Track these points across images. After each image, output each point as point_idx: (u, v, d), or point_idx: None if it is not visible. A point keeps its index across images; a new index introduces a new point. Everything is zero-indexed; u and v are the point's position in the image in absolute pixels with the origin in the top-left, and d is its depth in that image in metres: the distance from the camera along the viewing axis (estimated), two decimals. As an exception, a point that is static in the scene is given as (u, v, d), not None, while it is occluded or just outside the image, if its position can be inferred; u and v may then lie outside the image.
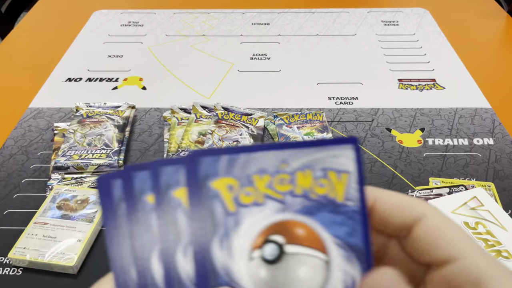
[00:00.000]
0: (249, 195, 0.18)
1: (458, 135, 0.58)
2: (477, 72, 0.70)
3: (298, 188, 0.18)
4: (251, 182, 0.18)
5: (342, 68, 0.72)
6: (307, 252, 0.17)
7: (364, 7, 0.90)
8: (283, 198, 0.18)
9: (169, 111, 0.61)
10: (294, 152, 0.18)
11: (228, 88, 0.68)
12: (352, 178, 0.18)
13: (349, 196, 0.18)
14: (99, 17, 0.88)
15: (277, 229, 0.18)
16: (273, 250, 0.17)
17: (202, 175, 0.18)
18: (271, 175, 0.18)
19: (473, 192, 0.47)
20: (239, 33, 0.82)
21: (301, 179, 0.18)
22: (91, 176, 0.52)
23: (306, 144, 0.18)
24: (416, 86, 0.68)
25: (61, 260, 0.42)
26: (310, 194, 0.18)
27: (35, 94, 0.67)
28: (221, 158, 0.18)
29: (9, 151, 0.57)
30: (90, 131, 0.57)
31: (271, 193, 0.18)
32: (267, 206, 0.18)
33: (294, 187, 0.18)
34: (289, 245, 0.17)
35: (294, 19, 0.87)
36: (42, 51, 0.79)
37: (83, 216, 0.46)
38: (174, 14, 0.89)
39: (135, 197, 0.18)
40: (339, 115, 0.62)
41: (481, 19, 0.86)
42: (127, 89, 0.68)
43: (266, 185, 0.18)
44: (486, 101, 0.64)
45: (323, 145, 0.18)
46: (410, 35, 0.81)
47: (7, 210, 0.49)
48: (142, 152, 0.56)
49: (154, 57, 0.76)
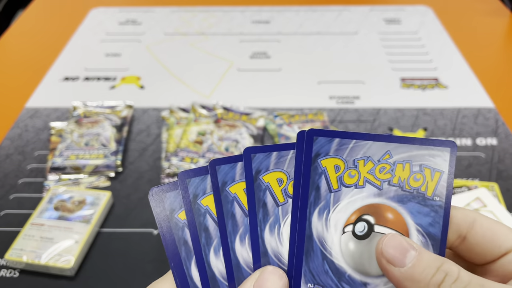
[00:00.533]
0: (352, 177, 0.20)
1: (461, 135, 0.57)
2: (480, 71, 0.70)
3: (396, 178, 0.20)
4: (356, 166, 0.20)
5: (344, 67, 0.71)
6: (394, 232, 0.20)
7: (366, 5, 0.90)
8: (380, 184, 0.20)
9: (168, 111, 0.61)
10: (398, 146, 0.20)
11: (228, 87, 0.67)
12: (443, 177, 0.21)
13: (438, 193, 0.21)
14: (96, 15, 0.87)
15: (370, 210, 0.20)
16: (364, 227, 0.20)
17: (314, 153, 0.20)
18: (375, 163, 0.20)
19: (476, 193, 0.46)
20: (238, 31, 0.81)
21: (400, 170, 0.21)
22: (89, 177, 0.52)
23: (410, 140, 0.20)
24: (418, 85, 0.67)
25: (58, 262, 0.41)
26: (405, 185, 0.20)
27: (31, 93, 0.66)
28: (334, 140, 0.20)
29: (5, 151, 0.56)
30: (87, 131, 0.56)
31: (371, 179, 0.20)
32: (366, 189, 0.20)
33: (392, 177, 0.20)
34: (377, 225, 0.20)
35: (294, 17, 0.86)
36: (38, 50, 0.78)
37: (80, 217, 0.45)
38: (173, 12, 0.88)
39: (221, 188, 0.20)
40: (340, 115, 0.61)
41: (484, 18, 0.85)
42: (125, 88, 0.67)
43: (369, 171, 0.20)
44: (489, 100, 0.63)
45: (425, 144, 0.21)
46: (413, 34, 0.80)
47: (4, 211, 0.48)
48: (140, 152, 0.56)
49: (152, 55, 0.75)
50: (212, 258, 0.20)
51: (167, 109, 0.62)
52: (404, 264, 0.19)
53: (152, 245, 0.45)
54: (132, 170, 0.53)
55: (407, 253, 0.19)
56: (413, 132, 0.58)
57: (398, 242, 0.19)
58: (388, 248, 0.19)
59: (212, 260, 0.20)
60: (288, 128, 0.58)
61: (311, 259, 0.20)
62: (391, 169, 0.20)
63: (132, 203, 0.49)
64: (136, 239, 0.46)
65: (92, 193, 0.48)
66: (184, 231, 0.20)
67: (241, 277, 0.20)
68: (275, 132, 0.58)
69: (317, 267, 0.20)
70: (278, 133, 0.57)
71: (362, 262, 0.20)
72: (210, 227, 0.20)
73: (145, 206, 0.49)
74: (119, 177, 0.52)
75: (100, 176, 0.52)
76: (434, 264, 0.18)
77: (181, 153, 0.53)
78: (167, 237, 0.20)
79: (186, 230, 0.20)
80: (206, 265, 0.20)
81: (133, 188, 0.51)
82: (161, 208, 0.20)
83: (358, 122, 0.60)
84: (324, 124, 0.58)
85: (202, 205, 0.20)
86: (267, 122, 0.59)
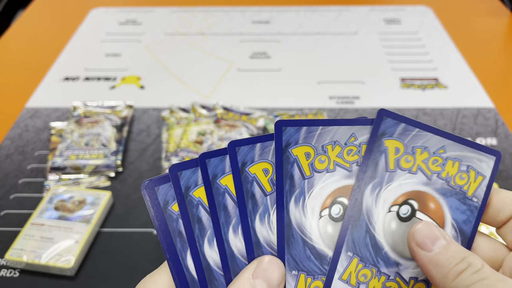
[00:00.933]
0: (408, 162, 0.22)
1: (461, 135, 0.57)
2: (480, 71, 0.70)
3: (445, 172, 0.22)
4: (414, 153, 0.22)
5: (344, 67, 0.71)
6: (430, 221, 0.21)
7: (366, 5, 0.90)
8: (430, 175, 0.22)
9: (168, 111, 0.61)
10: (453, 144, 0.22)
11: (228, 88, 0.67)
12: (484, 182, 0.22)
13: (477, 194, 0.22)
14: (96, 15, 0.87)
15: (416, 196, 0.22)
16: (407, 210, 0.21)
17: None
18: (430, 154, 0.22)
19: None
20: (238, 32, 0.81)
21: (450, 166, 0.22)
22: (89, 177, 0.52)
23: (464, 141, 0.22)
24: (418, 85, 0.67)
25: (58, 262, 0.41)
26: (451, 180, 0.22)
27: (31, 93, 0.66)
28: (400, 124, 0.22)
29: (5, 151, 0.56)
30: (87, 131, 0.56)
31: (424, 168, 0.22)
32: (417, 176, 0.22)
33: (442, 171, 0.22)
34: (419, 212, 0.21)
35: (294, 17, 0.86)
36: (38, 50, 0.78)
37: (81, 217, 0.45)
38: (173, 12, 0.88)
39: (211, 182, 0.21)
40: (340, 115, 0.61)
41: (484, 18, 0.85)
42: (125, 88, 0.67)
43: (423, 160, 0.22)
44: (489, 100, 0.63)
45: (475, 148, 0.22)
46: (413, 34, 0.80)
47: (4, 211, 0.48)
48: (140, 152, 0.56)
49: (152, 56, 0.75)
50: (207, 248, 0.20)
51: (167, 109, 0.62)
52: (431, 249, 0.20)
53: (152, 245, 0.45)
54: (132, 170, 0.53)
55: (437, 240, 0.20)
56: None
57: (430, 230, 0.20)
58: (419, 233, 0.20)
59: (207, 250, 0.20)
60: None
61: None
62: (443, 163, 0.22)
63: (132, 203, 0.49)
64: (136, 239, 0.46)
65: (92, 193, 0.48)
66: (178, 223, 0.20)
67: (236, 267, 0.20)
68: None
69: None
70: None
71: (399, 242, 0.21)
72: (203, 218, 0.20)
73: (145, 206, 0.49)
74: (119, 177, 0.52)
75: (100, 176, 0.52)
76: (460, 255, 0.19)
77: (181, 153, 0.53)
78: (162, 229, 0.20)
79: (180, 222, 0.20)
80: (201, 255, 0.20)
81: (133, 188, 0.51)
82: (154, 200, 0.20)
83: (358, 122, 0.60)
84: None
85: (194, 197, 0.21)
86: (267, 122, 0.59)
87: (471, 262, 0.19)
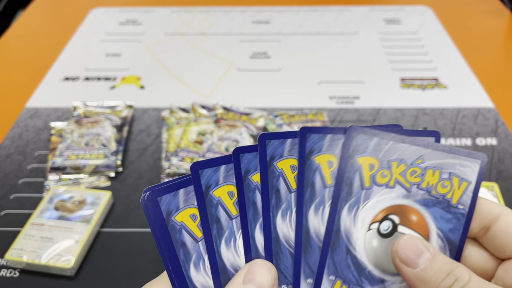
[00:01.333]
0: (384, 177, 0.21)
1: (461, 135, 0.57)
2: (480, 71, 0.70)
3: (425, 182, 0.21)
4: (390, 167, 0.21)
5: (344, 67, 0.71)
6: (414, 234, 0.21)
7: (366, 5, 0.90)
8: (410, 187, 0.21)
9: (168, 111, 0.61)
10: (432, 152, 0.21)
11: (228, 88, 0.67)
12: (470, 187, 0.21)
13: (462, 201, 0.21)
14: (96, 15, 0.87)
15: (396, 210, 0.21)
16: (388, 226, 0.21)
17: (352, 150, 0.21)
18: (407, 165, 0.21)
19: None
20: (238, 31, 0.81)
21: (430, 176, 0.21)
22: (89, 177, 0.52)
23: (444, 148, 0.21)
24: (418, 85, 0.67)
25: (58, 262, 0.41)
26: (432, 190, 0.21)
27: (31, 93, 0.66)
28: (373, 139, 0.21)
29: (5, 151, 0.56)
30: (87, 131, 0.56)
31: (402, 181, 0.21)
32: (395, 190, 0.21)
33: (422, 181, 0.21)
34: (401, 226, 0.21)
35: (294, 17, 0.86)
36: (38, 50, 0.78)
37: (81, 217, 0.45)
38: (173, 12, 0.88)
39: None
40: (340, 115, 0.61)
41: (484, 18, 0.85)
42: (125, 88, 0.67)
43: (401, 173, 0.21)
44: (489, 100, 0.63)
45: (457, 154, 0.21)
46: (413, 34, 0.80)
47: (4, 211, 0.48)
48: (140, 152, 0.56)
49: (152, 55, 0.75)
50: (223, 249, 0.20)
51: (167, 109, 0.62)
52: (417, 265, 0.19)
53: (152, 245, 0.45)
54: (132, 170, 0.53)
55: (422, 254, 0.19)
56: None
57: (413, 244, 0.19)
58: (403, 249, 0.20)
59: (223, 251, 0.20)
60: (288, 128, 0.58)
61: (336, 252, 0.21)
62: (422, 174, 0.21)
63: (132, 203, 0.49)
64: (136, 239, 0.46)
65: (92, 193, 0.48)
66: (181, 234, 0.20)
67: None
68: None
69: (341, 260, 0.21)
70: (278, 133, 0.57)
71: (382, 259, 0.21)
72: (222, 218, 0.20)
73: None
74: (119, 177, 0.52)
75: (100, 176, 0.52)
76: (446, 268, 0.19)
77: (181, 153, 0.53)
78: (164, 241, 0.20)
79: (183, 233, 0.20)
80: (217, 256, 0.20)
81: (133, 188, 0.51)
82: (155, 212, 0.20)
83: (358, 122, 0.60)
84: (324, 124, 0.59)
85: (214, 196, 0.20)
86: (267, 122, 0.59)
87: (458, 275, 0.18)
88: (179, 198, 0.20)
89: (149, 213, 0.20)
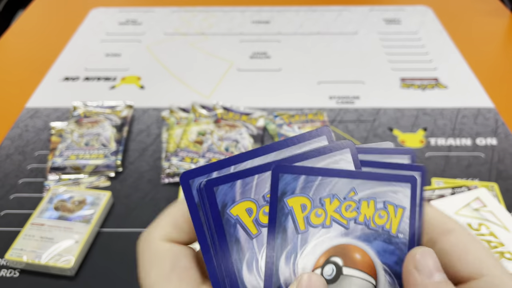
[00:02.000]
0: (319, 216, 0.19)
1: (461, 135, 0.57)
2: (480, 71, 0.70)
3: (361, 216, 0.20)
4: (323, 204, 0.19)
5: (344, 67, 0.71)
6: (361, 275, 0.19)
7: (366, 5, 0.90)
8: (347, 223, 0.19)
9: (168, 111, 0.61)
10: (363, 183, 0.20)
11: (228, 88, 0.67)
12: (406, 213, 0.20)
13: (401, 229, 0.20)
14: (96, 15, 0.87)
15: (337, 252, 0.19)
16: (332, 270, 0.19)
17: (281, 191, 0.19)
18: (341, 200, 0.19)
19: (476, 193, 0.46)
20: (238, 31, 0.81)
21: (365, 208, 0.20)
22: (89, 177, 0.52)
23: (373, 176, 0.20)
24: (418, 85, 0.67)
25: (58, 262, 0.41)
26: (370, 223, 0.20)
27: (31, 93, 0.66)
28: (300, 177, 0.19)
29: (5, 151, 0.56)
30: (87, 131, 0.56)
31: (338, 218, 0.19)
32: (332, 229, 0.19)
33: (358, 215, 0.20)
34: (346, 268, 0.19)
35: (294, 17, 0.86)
36: (39, 50, 0.78)
37: (81, 217, 0.45)
38: (173, 12, 0.88)
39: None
40: (340, 115, 0.61)
41: (484, 18, 0.85)
42: (125, 88, 0.67)
43: (335, 209, 0.19)
44: (489, 100, 0.63)
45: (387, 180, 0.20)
46: (413, 34, 0.80)
47: (4, 211, 0.48)
48: (140, 153, 0.56)
49: (152, 55, 0.75)
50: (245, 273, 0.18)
51: (167, 109, 0.62)
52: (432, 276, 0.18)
53: (152, 245, 0.45)
54: (132, 170, 0.53)
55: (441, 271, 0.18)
56: (413, 132, 0.58)
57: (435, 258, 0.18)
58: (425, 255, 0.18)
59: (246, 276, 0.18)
60: (288, 128, 0.58)
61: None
62: (357, 207, 0.20)
63: (132, 203, 0.49)
64: (136, 239, 0.45)
65: (92, 193, 0.48)
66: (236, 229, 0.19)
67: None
68: (275, 132, 0.58)
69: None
70: (278, 133, 0.57)
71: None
72: (242, 238, 0.19)
73: (145, 206, 0.49)
74: (119, 177, 0.52)
75: (100, 176, 0.52)
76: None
77: (181, 153, 0.53)
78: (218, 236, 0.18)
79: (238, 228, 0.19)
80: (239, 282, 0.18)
81: (133, 188, 0.51)
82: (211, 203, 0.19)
83: (358, 122, 0.60)
84: (324, 124, 0.59)
85: (232, 215, 0.19)
86: (267, 122, 0.59)
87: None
88: (235, 189, 0.19)
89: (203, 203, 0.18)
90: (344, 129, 0.59)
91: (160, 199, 0.49)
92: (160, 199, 0.49)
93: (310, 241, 0.19)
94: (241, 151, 0.53)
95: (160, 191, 0.50)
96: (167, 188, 0.51)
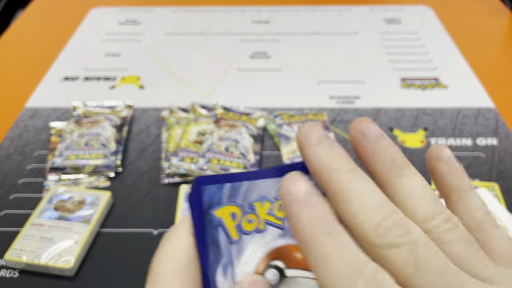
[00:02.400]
0: (251, 222, 0.18)
1: (461, 135, 0.57)
2: (480, 71, 0.70)
3: None
4: (253, 209, 0.18)
5: (344, 67, 0.71)
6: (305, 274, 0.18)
7: (366, 5, 0.90)
8: (282, 224, 0.18)
9: (168, 111, 0.61)
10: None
11: (228, 87, 0.67)
12: None
13: None
14: (96, 15, 0.87)
15: (277, 255, 0.18)
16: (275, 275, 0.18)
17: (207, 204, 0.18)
18: (272, 201, 0.19)
19: (477, 193, 0.46)
20: (238, 31, 0.81)
21: None
22: (88, 177, 0.52)
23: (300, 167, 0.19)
24: (418, 85, 0.67)
25: (58, 262, 0.41)
26: None
27: (31, 93, 0.66)
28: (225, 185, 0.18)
29: (5, 151, 0.56)
30: (87, 131, 0.56)
31: (271, 220, 0.19)
32: (268, 232, 0.18)
33: None
34: (289, 269, 0.18)
35: (294, 17, 0.86)
36: (38, 49, 0.78)
37: (80, 217, 0.45)
38: (173, 12, 0.88)
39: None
40: (340, 115, 0.61)
41: (485, 18, 0.85)
42: (124, 88, 0.67)
43: (267, 211, 0.19)
44: (489, 100, 0.63)
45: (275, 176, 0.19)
46: (413, 33, 0.80)
47: (3, 211, 0.48)
48: (140, 153, 0.56)
49: (152, 55, 0.75)
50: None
51: (167, 109, 0.62)
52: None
53: (152, 245, 0.45)
54: (132, 170, 0.53)
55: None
56: (413, 132, 0.58)
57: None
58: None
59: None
60: (288, 128, 0.57)
61: None
62: None
63: (132, 203, 0.49)
64: (136, 239, 0.45)
65: (92, 193, 0.48)
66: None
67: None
68: (275, 132, 0.58)
69: None
70: (278, 133, 0.57)
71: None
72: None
73: (145, 206, 0.49)
74: (119, 177, 0.52)
75: (100, 176, 0.52)
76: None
77: (181, 153, 0.53)
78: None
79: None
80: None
81: (133, 188, 0.51)
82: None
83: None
84: (324, 124, 0.58)
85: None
86: (267, 122, 0.59)
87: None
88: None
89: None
90: (344, 129, 0.59)
91: (160, 199, 0.49)
92: (160, 199, 0.49)
93: (246, 250, 0.18)
94: (241, 151, 0.53)
95: (160, 191, 0.50)
96: (167, 188, 0.51)
